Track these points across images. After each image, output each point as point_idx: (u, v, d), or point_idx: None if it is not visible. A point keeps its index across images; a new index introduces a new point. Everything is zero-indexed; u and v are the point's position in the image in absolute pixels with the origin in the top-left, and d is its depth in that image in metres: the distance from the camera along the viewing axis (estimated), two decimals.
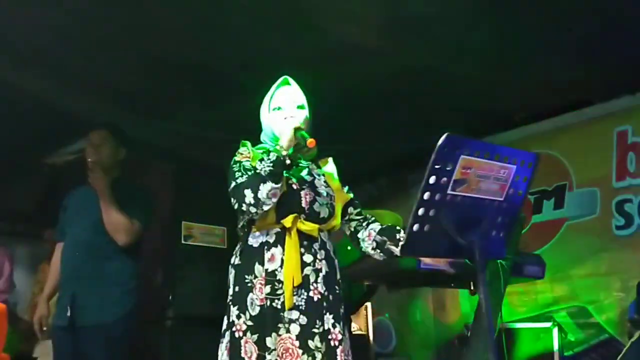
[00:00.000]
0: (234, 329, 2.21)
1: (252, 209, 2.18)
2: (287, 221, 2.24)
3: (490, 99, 4.13)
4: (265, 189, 2.14)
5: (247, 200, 2.16)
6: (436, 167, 1.72)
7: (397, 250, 2.23)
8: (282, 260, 2.21)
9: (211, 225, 4.87)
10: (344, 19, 3.18)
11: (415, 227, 1.80)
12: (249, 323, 2.19)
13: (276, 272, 2.20)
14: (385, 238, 2.28)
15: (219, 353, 2.27)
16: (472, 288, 3.31)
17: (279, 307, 2.18)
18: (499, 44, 3.42)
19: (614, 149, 4.06)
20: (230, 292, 2.29)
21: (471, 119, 4.45)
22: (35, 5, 3.03)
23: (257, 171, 2.21)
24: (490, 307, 1.99)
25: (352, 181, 2.53)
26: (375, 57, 3.53)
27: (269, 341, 2.15)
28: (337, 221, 2.36)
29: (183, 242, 4.70)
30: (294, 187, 2.30)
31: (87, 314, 3.18)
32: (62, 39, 3.30)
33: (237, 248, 2.36)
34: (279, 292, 2.18)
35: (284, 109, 2.38)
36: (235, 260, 2.33)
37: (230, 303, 2.27)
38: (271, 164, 2.17)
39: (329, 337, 2.19)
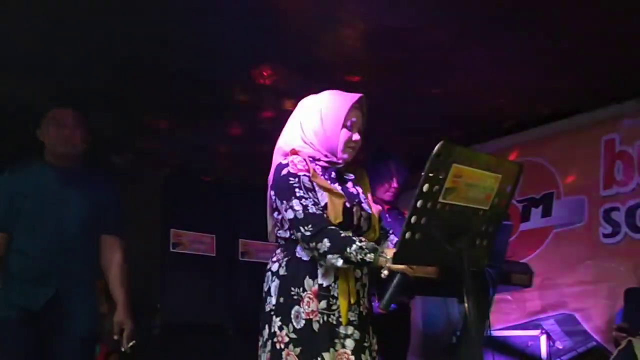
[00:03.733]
0: (275, 339, 2.18)
1: (315, 253, 2.14)
2: None
3: (479, 107, 4.15)
4: (336, 261, 2.08)
5: (319, 247, 2.09)
6: (430, 175, 1.71)
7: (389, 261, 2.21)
8: (336, 276, 2.20)
9: (200, 233, 4.86)
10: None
11: (407, 235, 1.79)
12: (292, 336, 2.16)
13: (330, 288, 2.19)
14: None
15: None
16: (460, 296, 3.30)
17: (334, 322, 2.18)
18: (487, 54, 3.44)
19: (601, 158, 4.07)
20: (273, 301, 2.23)
21: (461, 127, 4.47)
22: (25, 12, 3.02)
23: (346, 236, 2.11)
24: (478, 315, 1.99)
25: None
26: None
27: (328, 356, 2.14)
28: (376, 234, 2.34)
29: (172, 249, 4.68)
30: (347, 204, 2.25)
31: (65, 317, 2.87)
32: (62, 46, 3.30)
33: (281, 257, 2.28)
34: (334, 307, 2.18)
35: (353, 134, 2.32)
36: (279, 270, 2.26)
37: (272, 313, 2.22)
38: (361, 262, 2.06)
39: (372, 348, 2.24)
